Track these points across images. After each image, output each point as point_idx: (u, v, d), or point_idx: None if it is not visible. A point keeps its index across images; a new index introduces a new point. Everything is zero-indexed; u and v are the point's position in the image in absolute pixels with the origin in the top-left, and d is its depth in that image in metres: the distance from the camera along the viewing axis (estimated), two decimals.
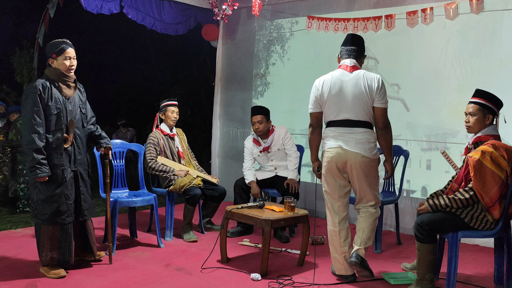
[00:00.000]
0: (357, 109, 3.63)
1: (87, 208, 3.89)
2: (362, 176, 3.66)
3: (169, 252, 4.46)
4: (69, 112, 3.77)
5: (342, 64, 3.77)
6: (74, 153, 3.78)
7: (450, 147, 5.03)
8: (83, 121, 3.90)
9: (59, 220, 3.68)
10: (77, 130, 3.82)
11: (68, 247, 3.75)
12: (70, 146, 3.75)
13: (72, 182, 3.78)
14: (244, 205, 4.23)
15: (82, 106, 3.92)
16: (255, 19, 6.75)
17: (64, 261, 3.75)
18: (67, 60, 3.73)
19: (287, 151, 5.18)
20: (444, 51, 5.15)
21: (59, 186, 3.67)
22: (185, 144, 5.32)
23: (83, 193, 3.85)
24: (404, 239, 5.02)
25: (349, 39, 3.83)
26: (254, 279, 3.76)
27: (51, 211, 3.65)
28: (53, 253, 3.70)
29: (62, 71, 3.73)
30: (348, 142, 3.63)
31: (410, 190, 5.39)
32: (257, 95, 6.84)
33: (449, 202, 3.39)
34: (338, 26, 5.54)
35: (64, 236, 3.73)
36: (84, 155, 3.88)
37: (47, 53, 3.78)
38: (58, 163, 3.67)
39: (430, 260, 3.41)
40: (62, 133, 3.70)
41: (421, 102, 5.32)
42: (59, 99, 3.72)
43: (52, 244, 3.70)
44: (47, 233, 3.69)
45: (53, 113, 3.67)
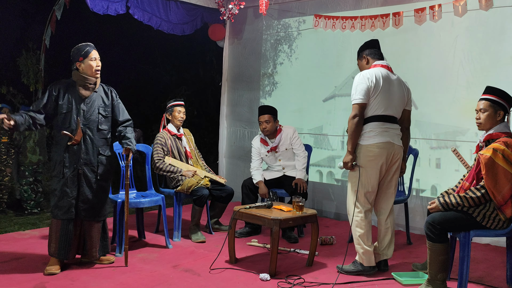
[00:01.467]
0: (399, 108, 3.89)
1: (84, 208, 3.85)
2: (398, 169, 3.96)
3: (177, 253, 4.44)
4: (83, 112, 3.84)
5: (379, 63, 3.90)
6: (80, 152, 3.81)
7: (459, 145, 4.97)
8: (99, 123, 3.92)
9: (59, 215, 3.80)
10: (89, 131, 3.86)
11: (67, 242, 3.82)
12: (77, 145, 3.79)
13: (74, 180, 3.81)
14: (252, 205, 4.20)
15: (103, 109, 3.96)
16: (262, 19, 6.73)
17: (63, 256, 3.83)
18: (93, 61, 3.87)
19: (295, 150, 5.14)
20: (453, 48, 5.10)
21: (59, 181, 3.80)
22: (192, 144, 5.30)
23: (83, 193, 3.85)
24: (414, 239, 4.97)
25: (376, 43, 4.08)
26: (263, 279, 3.73)
27: (52, 204, 3.85)
28: (55, 245, 3.82)
29: (85, 76, 3.85)
30: (394, 137, 3.83)
31: (420, 189, 5.34)
32: (264, 95, 6.81)
33: (461, 200, 3.35)
34: (346, 24, 5.50)
35: (63, 231, 3.82)
36: (92, 156, 3.87)
37: (73, 57, 3.89)
38: (59, 159, 3.81)
39: (441, 260, 3.36)
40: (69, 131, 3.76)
41: (430, 100, 5.27)
42: (72, 99, 3.83)
43: (55, 236, 3.83)
44: (52, 225, 3.86)
45: (62, 111, 3.82)
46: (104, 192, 3.99)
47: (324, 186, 6.18)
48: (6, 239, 4.85)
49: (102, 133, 3.94)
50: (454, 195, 3.41)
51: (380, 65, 3.89)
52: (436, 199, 3.47)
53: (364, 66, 3.98)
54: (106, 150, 3.97)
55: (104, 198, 4.00)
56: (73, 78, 3.91)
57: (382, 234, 3.94)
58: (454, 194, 3.45)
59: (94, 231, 3.95)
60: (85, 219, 3.90)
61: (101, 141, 3.94)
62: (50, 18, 6.87)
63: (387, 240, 3.93)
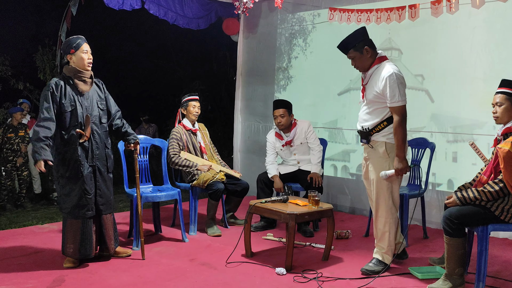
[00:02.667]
0: None
1: (103, 203, 3.90)
2: None
3: (193, 246, 4.47)
4: (85, 108, 3.81)
5: (383, 55, 3.76)
6: (91, 149, 3.82)
7: (477, 138, 4.92)
8: (101, 117, 3.92)
9: (80, 214, 3.78)
10: (94, 126, 3.85)
11: (90, 240, 3.83)
12: (87, 141, 3.79)
13: (91, 176, 3.83)
14: (268, 199, 4.21)
15: (100, 102, 3.94)
16: (277, 12, 6.70)
17: (85, 254, 3.84)
18: (85, 54, 3.77)
19: (310, 144, 5.13)
20: (470, 41, 5.03)
21: (78, 181, 3.76)
22: (207, 139, 5.31)
23: (100, 187, 3.88)
24: (431, 233, 4.94)
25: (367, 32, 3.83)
26: (279, 273, 3.73)
27: (72, 205, 3.78)
28: (75, 245, 3.80)
29: (77, 68, 3.77)
30: None
31: (436, 183, 5.30)
32: (279, 89, 6.80)
33: (478, 194, 3.31)
34: (361, 17, 5.45)
35: (85, 229, 3.82)
36: (102, 150, 3.90)
37: (64, 50, 3.83)
38: (75, 159, 3.75)
39: (459, 254, 3.34)
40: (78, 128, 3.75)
41: (446, 93, 5.22)
42: (73, 96, 3.77)
43: (75, 237, 3.80)
44: (71, 226, 3.81)
45: (67, 110, 3.74)
46: (111, 184, 4.04)
47: (338, 180, 6.16)
48: (25, 232, 4.92)
49: (103, 126, 3.95)
50: (471, 189, 3.38)
51: (385, 57, 3.75)
52: (454, 194, 3.43)
53: (367, 59, 3.70)
54: (109, 143, 4.01)
55: (112, 190, 4.05)
56: (65, 73, 3.81)
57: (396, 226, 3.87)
58: (471, 188, 3.41)
59: (110, 224, 4.00)
60: (104, 213, 3.93)
61: (104, 134, 3.95)
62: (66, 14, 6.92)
63: (399, 230, 3.93)
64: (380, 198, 3.76)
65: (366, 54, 3.70)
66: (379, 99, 3.65)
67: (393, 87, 3.54)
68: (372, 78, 3.71)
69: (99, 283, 3.51)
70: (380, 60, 3.71)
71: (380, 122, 3.70)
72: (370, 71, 3.72)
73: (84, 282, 3.52)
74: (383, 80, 3.58)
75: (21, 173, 6.69)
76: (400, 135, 3.57)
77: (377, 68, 3.70)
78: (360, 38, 3.73)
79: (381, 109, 3.69)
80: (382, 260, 3.81)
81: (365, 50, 3.70)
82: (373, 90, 3.67)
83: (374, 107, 3.71)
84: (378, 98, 3.65)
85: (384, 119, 3.69)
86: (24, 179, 6.71)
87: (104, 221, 3.96)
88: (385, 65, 3.67)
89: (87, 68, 3.80)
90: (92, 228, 3.87)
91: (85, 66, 3.79)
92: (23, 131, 6.71)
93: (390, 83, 3.55)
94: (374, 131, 3.72)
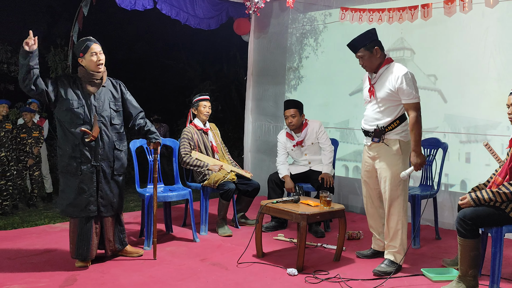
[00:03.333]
0: None
1: (104, 204, 3.82)
2: None
3: (204, 246, 4.46)
4: (94, 108, 3.78)
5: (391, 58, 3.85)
6: (96, 148, 3.77)
7: (490, 139, 4.87)
8: (112, 118, 3.87)
9: (74, 213, 3.74)
10: (103, 126, 3.81)
11: (87, 241, 3.76)
12: (94, 141, 3.75)
13: (92, 176, 3.76)
14: (279, 200, 4.19)
15: (114, 103, 3.91)
16: (288, 12, 6.69)
17: (82, 255, 3.78)
18: (94, 56, 3.75)
19: (321, 145, 5.11)
20: (483, 40, 4.98)
21: (75, 178, 3.72)
22: (218, 139, 5.31)
23: (101, 189, 3.81)
24: (443, 234, 4.90)
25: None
26: (290, 274, 3.72)
27: (67, 202, 3.75)
28: (73, 246, 3.79)
29: (89, 71, 3.77)
30: None
31: (449, 184, 5.25)
32: (290, 89, 6.79)
33: (493, 196, 3.27)
34: (373, 17, 5.42)
35: (82, 230, 3.77)
36: (109, 151, 3.83)
37: (74, 54, 3.84)
38: (75, 155, 3.71)
39: (473, 256, 3.30)
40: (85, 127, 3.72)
41: (459, 93, 5.17)
42: (80, 95, 3.76)
43: (73, 237, 3.80)
44: (70, 225, 3.82)
45: (72, 107, 3.72)
46: (119, 187, 3.95)
47: (350, 181, 6.13)
48: (38, 232, 4.96)
49: (115, 127, 3.89)
50: (486, 190, 3.34)
51: (391, 59, 3.83)
52: (468, 194, 3.40)
53: (376, 59, 3.76)
54: (121, 145, 3.93)
55: (121, 193, 3.98)
56: (78, 74, 3.82)
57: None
58: (486, 189, 3.37)
59: (109, 227, 3.94)
60: (104, 215, 3.87)
61: (115, 136, 3.89)
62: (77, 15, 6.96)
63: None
64: (394, 196, 3.79)
65: (375, 54, 3.77)
66: (392, 97, 3.71)
67: (409, 85, 3.64)
68: (382, 77, 3.76)
69: (110, 282, 3.52)
70: (388, 61, 3.79)
71: (393, 120, 3.75)
72: (380, 71, 3.78)
73: (95, 281, 3.53)
74: (399, 78, 3.65)
75: (32, 173, 6.73)
76: (417, 131, 3.66)
77: (387, 68, 3.77)
78: (371, 38, 3.80)
79: (393, 107, 3.75)
80: (394, 260, 3.80)
81: (375, 50, 3.76)
82: (386, 89, 3.71)
83: (386, 106, 3.75)
84: (392, 97, 3.70)
85: (397, 117, 3.75)
86: (35, 179, 6.75)
87: (104, 223, 3.91)
88: (396, 65, 3.76)
89: (98, 69, 3.77)
90: (91, 229, 3.79)
91: (96, 68, 3.77)
92: (37, 132, 6.75)
93: (406, 81, 3.63)
94: (387, 129, 3.75)
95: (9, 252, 4.18)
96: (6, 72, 9.49)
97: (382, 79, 3.77)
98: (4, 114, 6.17)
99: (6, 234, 4.89)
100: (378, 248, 4.12)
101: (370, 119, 3.85)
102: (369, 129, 3.85)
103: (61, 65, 8.54)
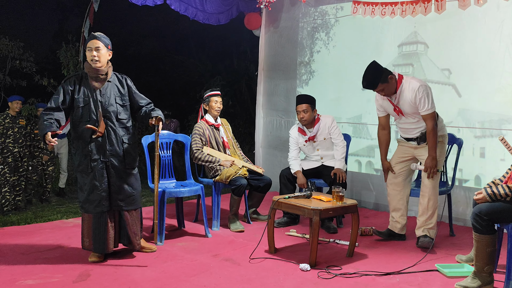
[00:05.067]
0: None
1: (121, 199, 3.84)
2: None
3: (216, 242, 4.46)
4: (100, 104, 3.79)
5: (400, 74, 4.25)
6: (105, 144, 3.79)
7: (505, 133, 4.80)
8: (118, 113, 3.87)
9: (90, 209, 3.80)
10: (110, 122, 3.82)
11: (103, 236, 3.80)
12: (101, 137, 3.77)
13: (103, 172, 3.79)
14: (291, 195, 4.17)
15: (120, 98, 3.91)
16: (299, 6, 6.64)
17: (99, 249, 3.84)
18: (89, 52, 3.78)
19: (334, 140, 5.07)
20: (498, 33, 4.91)
21: (88, 175, 3.77)
22: (230, 134, 5.30)
23: (114, 184, 3.82)
24: (457, 230, 4.85)
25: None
26: (303, 269, 3.70)
27: (82, 199, 3.83)
28: (89, 240, 3.86)
29: (91, 66, 3.81)
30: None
31: (463, 179, 5.19)
32: (301, 84, 6.75)
33: (509, 191, 3.23)
34: (385, 10, 5.36)
35: (96, 225, 3.81)
36: (117, 146, 3.83)
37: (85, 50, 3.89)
38: (85, 153, 3.76)
39: (489, 252, 3.26)
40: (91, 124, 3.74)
41: (474, 87, 5.10)
42: (87, 92, 3.79)
43: (88, 231, 3.85)
44: (85, 220, 3.87)
45: (80, 105, 3.77)
46: (135, 180, 3.96)
47: (363, 176, 6.09)
48: (51, 227, 4.99)
49: (121, 122, 3.89)
50: (502, 185, 3.30)
51: (400, 75, 4.22)
52: (483, 190, 3.35)
53: (393, 85, 4.15)
54: (129, 139, 3.93)
55: (136, 186, 3.97)
56: (84, 70, 3.86)
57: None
58: (502, 184, 3.33)
59: (134, 220, 3.96)
60: (123, 209, 3.88)
61: (123, 131, 3.89)
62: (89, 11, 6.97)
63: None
64: (434, 184, 4.24)
65: (391, 81, 4.16)
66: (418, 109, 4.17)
67: (423, 98, 4.07)
68: (402, 96, 4.18)
69: (123, 277, 3.53)
70: (400, 79, 4.18)
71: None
72: (398, 92, 4.18)
73: (109, 277, 3.54)
74: (414, 93, 4.09)
75: (46, 168, 6.77)
76: (433, 138, 4.10)
77: (402, 87, 4.17)
78: (380, 70, 4.17)
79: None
80: (429, 235, 4.22)
81: (389, 79, 4.15)
82: (410, 104, 4.14)
83: (417, 117, 4.21)
84: (417, 109, 4.15)
85: None
86: (49, 174, 6.79)
87: (126, 217, 3.91)
88: (408, 81, 4.16)
89: (94, 65, 3.77)
90: (107, 224, 3.82)
91: (91, 63, 3.77)
92: None
93: (419, 95, 4.07)
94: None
95: (22, 247, 4.21)
96: (18, 68, 9.54)
97: (402, 98, 4.17)
98: (18, 110, 6.21)
99: (19, 229, 4.92)
100: (394, 229, 4.50)
101: (410, 130, 4.33)
102: (412, 137, 4.33)
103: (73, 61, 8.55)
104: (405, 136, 4.39)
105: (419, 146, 4.32)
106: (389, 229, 4.54)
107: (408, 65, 5.63)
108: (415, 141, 4.32)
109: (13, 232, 4.76)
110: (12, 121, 6.10)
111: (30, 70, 9.49)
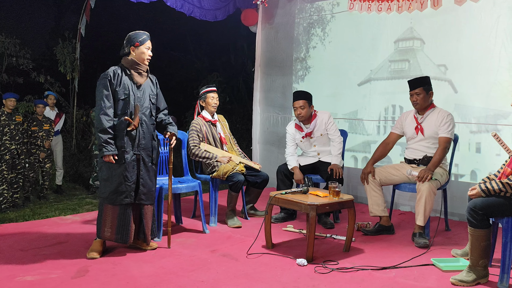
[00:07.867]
0: None
1: (144, 192, 3.96)
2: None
3: (214, 238, 4.49)
4: (137, 99, 3.93)
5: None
6: (138, 138, 3.90)
7: (501, 129, 4.84)
8: (151, 109, 4.03)
9: (118, 200, 3.85)
10: (144, 117, 3.95)
11: (126, 227, 3.90)
12: (135, 130, 3.88)
13: (134, 165, 3.90)
14: (288, 191, 4.20)
15: (152, 96, 4.06)
16: (295, 2, 6.65)
17: (122, 240, 3.92)
18: (147, 50, 3.98)
19: (330, 136, 5.10)
20: (494, 29, 4.93)
21: (119, 167, 3.84)
22: (227, 130, 5.32)
23: (142, 177, 3.94)
24: (453, 225, 4.89)
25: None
26: (300, 264, 3.73)
27: (110, 190, 3.85)
28: (113, 230, 3.90)
29: (136, 61, 3.93)
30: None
31: (459, 174, 5.23)
32: (297, 80, 6.76)
33: (503, 187, 3.26)
34: (382, 6, 5.38)
35: (122, 216, 3.89)
36: (148, 141, 3.97)
37: (129, 41, 3.96)
38: (119, 145, 3.84)
39: (483, 246, 3.29)
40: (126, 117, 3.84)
41: (470, 83, 5.13)
42: (128, 86, 3.90)
43: (112, 222, 3.90)
44: (108, 212, 3.90)
45: (120, 98, 3.86)
46: (155, 176, 4.11)
47: (359, 172, 6.06)
48: (49, 223, 5.00)
49: (151, 119, 4.05)
50: (495, 181, 3.33)
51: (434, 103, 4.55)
52: (477, 185, 3.39)
53: (427, 101, 4.47)
54: (157, 136, 4.11)
55: (155, 182, 4.12)
56: (123, 63, 3.96)
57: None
58: (495, 180, 3.36)
59: (150, 215, 4.07)
60: (144, 203, 3.99)
61: (152, 127, 4.05)
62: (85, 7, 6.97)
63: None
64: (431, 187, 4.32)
65: (429, 96, 4.47)
66: (437, 135, 4.42)
67: (449, 123, 4.38)
68: (430, 118, 4.46)
69: (122, 273, 3.55)
70: (433, 105, 4.50)
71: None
72: (427, 112, 4.49)
73: (107, 272, 3.56)
74: (443, 116, 4.40)
75: (43, 165, 6.78)
76: (440, 157, 4.35)
77: (433, 111, 4.47)
78: (429, 83, 4.51)
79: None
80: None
81: (430, 93, 4.47)
82: (434, 128, 4.42)
83: (432, 141, 4.47)
84: (437, 134, 4.42)
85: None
86: (47, 171, 6.80)
87: (145, 211, 4.02)
88: (439, 109, 4.48)
89: (145, 62, 3.98)
90: (130, 216, 3.92)
91: (144, 61, 3.97)
92: (48, 125, 6.78)
93: (447, 120, 4.39)
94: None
95: (21, 244, 4.22)
96: (15, 65, 9.53)
97: (429, 120, 4.45)
98: (12, 108, 6.20)
99: (17, 226, 4.93)
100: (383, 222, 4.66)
101: (418, 152, 4.55)
102: (416, 158, 4.57)
103: (69, 57, 8.56)
104: (409, 157, 4.62)
105: (418, 167, 4.50)
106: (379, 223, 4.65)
107: (404, 61, 5.65)
108: (416, 163, 4.55)
109: (11, 229, 4.77)
110: (8, 118, 6.10)
111: (26, 67, 9.49)
